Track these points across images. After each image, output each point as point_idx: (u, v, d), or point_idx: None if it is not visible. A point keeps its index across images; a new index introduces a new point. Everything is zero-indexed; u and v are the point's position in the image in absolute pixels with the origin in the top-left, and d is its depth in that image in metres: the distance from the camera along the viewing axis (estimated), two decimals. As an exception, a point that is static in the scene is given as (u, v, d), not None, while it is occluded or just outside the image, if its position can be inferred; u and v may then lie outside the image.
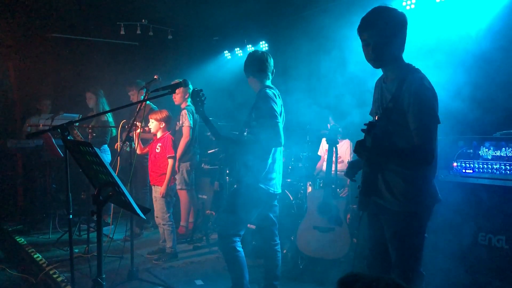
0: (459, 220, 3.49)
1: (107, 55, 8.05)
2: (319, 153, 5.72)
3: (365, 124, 2.36)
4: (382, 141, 2.33)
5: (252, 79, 3.51)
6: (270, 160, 3.39)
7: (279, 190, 3.49)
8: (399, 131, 2.34)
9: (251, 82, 3.54)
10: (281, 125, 3.30)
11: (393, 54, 2.43)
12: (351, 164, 2.68)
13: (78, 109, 6.64)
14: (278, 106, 3.36)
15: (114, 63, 8.03)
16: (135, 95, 5.88)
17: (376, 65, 2.49)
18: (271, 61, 3.55)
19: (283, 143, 3.29)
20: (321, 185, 4.75)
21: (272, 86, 3.52)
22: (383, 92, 2.53)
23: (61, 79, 7.84)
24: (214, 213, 5.84)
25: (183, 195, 5.56)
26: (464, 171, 3.63)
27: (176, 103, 5.61)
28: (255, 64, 3.48)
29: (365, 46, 2.45)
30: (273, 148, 3.40)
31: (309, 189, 4.94)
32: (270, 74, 3.54)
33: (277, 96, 3.42)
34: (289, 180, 5.21)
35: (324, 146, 5.56)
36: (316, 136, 5.46)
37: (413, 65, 2.48)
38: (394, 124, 2.35)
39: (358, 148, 2.36)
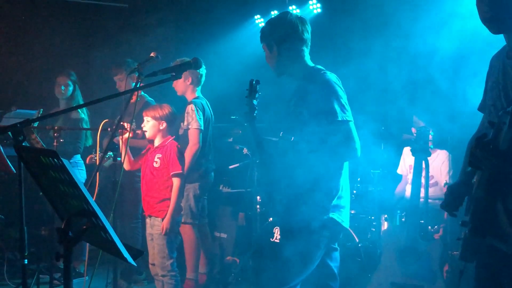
0: None
1: (80, 22, 8.19)
2: (399, 171, 5.64)
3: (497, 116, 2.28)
4: None
5: (279, 52, 3.49)
6: (341, 179, 3.38)
7: (348, 223, 3.47)
8: None
9: (277, 59, 3.51)
10: (353, 124, 3.29)
11: None
12: (451, 189, 2.61)
13: (38, 102, 6.78)
14: (345, 96, 3.35)
15: (91, 34, 8.17)
16: (123, 82, 5.95)
17: (493, 28, 2.47)
18: (308, 28, 3.54)
19: (359, 153, 3.27)
20: (403, 219, 4.70)
21: (320, 66, 3.51)
22: (506, 71, 2.49)
23: (9, 59, 8.01)
24: (238, 260, 5.83)
25: (188, 233, 5.56)
26: None
27: (179, 93, 5.66)
28: (290, 29, 3.46)
29: (479, 0, 2.46)
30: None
31: (385, 225, 4.91)
32: (307, 48, 3.55)
33: (339, 82, 3.41)
34: (353, 212, 5.15)
35: (407, 160, 5.48)
36: (396, 145, 5.40)
37: None
38: None
39: (480, 152, 2.27)
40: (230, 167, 6.21)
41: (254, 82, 3.58)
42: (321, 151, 3.24)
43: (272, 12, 7.42)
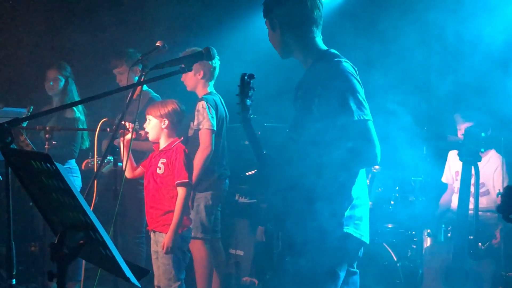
0: None
1: (76, 8, 8.22)
2: (444, 180, 5.59)
3: None
4: None
5: (283, 31, 3.42)
6: (355, 187, 3.31)
7: (367, 238, 3.38)
8: None
9: (280, 39, 3.44)
10: (372, 124, 3.21)
11: None
12: (510, 190, 2.58)
13: (27, 99, 6.81)
14: (362, 91, 3.28)
15: (89, 22, 8.20)
16: (124, 75, 5.96)
17: None
18: (320, 4, 3.44)
19: (379, 158, 3.21)
20: (449, 235, 4.68)
21: (334, 51, 3.42)
22: None
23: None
24: (256, 282, 5.81)
25: (199, 249, 5.56)
26: None
27: (188, 88, 5.68)
28: (297, 4, 3.38)
29: None
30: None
31: (428, 241, 4.89)
32: (318, 28, 3.45)
33: (356, 70, 3.33)
34: (390, 226, 5.18)
35: (453, 165, 5.44)
36: (441, 148, 5.35)
37: None
38: None
39: None
40: (248, 173, 6.21)
41: (246, 77, 3.51)
42: (333, 155, 3.16)
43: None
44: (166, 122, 4.79)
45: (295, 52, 3.47)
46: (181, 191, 4.68)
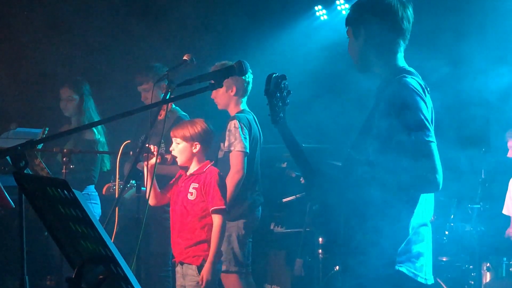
0: None
1: (93, 21, 8.31)
2: (505, 212, 5.44)
3: None
4: None
5: (367, 41, 3.40)
6: (414, 218, 3.28)
7: (431, 279, 3.33)
8: None
9: (362, 49, 3.43)
10: (435, 147, 3.19)
11: None
12: None
13: (43, 119, 6.88)
14: (429, 109, 3.26)
15: (109, 34, 8.30)
16: (149, 92, 5.97)
17: None
18: (410, 16, 3.41)
19: (441, 184, 3.15)
20: (511, 269, 4.58)
21: (411, 69, 3.42)
22: None
23: (7, 65, 8.12)
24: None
25: (233, 284, 5.54)
26: None
27: (219, 106, 5.69)
28: (387, 12, 3.35)
29: None
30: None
31: (487, 277, 4.82)
32: (404, 42, 3.44)
33: (425, 90, 3.32)
34: (444, 259, 5.12)
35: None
36: (502, 172, 5.29)
37: None
38: None
39: None
40: (284, 200, 6.18)
41: (273, 76, 3.42)
42: (388, 179, 3.16)
43: (338, 1, 7.36)
44: (198, 146, 4.76)
45: (374, 66, 3.45)
46: (217, 219, 4.67)
